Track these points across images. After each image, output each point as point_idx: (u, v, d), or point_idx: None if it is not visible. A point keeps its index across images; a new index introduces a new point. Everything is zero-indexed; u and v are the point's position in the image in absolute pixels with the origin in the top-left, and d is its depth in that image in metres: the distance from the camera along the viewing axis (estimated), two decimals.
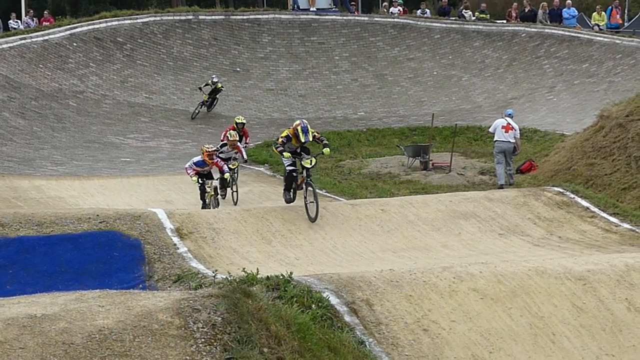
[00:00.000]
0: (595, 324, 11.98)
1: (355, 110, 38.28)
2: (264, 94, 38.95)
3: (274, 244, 17.48)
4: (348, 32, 42.05)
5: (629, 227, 18.91)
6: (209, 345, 9.68)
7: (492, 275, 13.23)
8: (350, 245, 17.62)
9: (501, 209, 19.58)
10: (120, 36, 39.31)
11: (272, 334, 10.16)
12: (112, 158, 30.38)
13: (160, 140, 33.36)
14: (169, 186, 25.62)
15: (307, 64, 40.74)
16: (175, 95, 37.58)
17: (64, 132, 32.87)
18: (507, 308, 12.62)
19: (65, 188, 24.72)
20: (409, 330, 12.09)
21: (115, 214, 17.13)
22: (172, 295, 10.64)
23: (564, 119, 33.31)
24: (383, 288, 12.69)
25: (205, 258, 16.17)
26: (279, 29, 41.79)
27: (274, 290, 12.32)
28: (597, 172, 22.36)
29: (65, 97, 35.39)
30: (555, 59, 39.43)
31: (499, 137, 24.24)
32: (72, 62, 37.22)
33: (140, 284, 15.18)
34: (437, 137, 31.58)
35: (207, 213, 18.54)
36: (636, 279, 13.43)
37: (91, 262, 15.88)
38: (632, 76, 35.99)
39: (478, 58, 40.94)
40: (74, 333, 9.55)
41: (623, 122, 22.94)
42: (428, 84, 39.84)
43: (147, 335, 9.65)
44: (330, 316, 11.88)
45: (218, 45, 40.69)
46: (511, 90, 38.34)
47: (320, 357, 10.49)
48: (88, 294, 10.65)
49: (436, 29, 42.38)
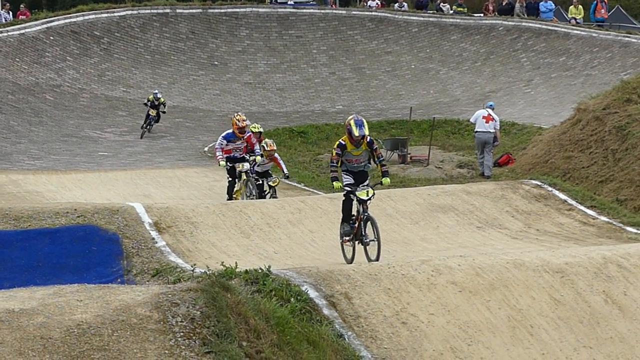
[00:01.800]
0: (573, 316, 12.02)
1: (333, 103, 38.30)
2: (241, 87, 38.92)
3: (252, 238, 17.46)
4: (326, 25, 42.06)
5: (606, 220, 18.99)
6: (187, 339, 9.67)
7: (470, 268, 13.26)
8: (329, 238, 17.62)
9: (479, 202, 19.62)
10: (98, 30, 39.18)
11: (251, 327, 10.15)
12: (89, 152, 30.28)
13: (137, 134, 33.27)
14: (147, 180, 25.56)
15: (285, 58, 40.72)
16: (153, 89, 37.48)
17: (41, 126, 32.74)
18: (486, 301, 12.65)
19: (43, 182, 24.63)
20: (387, 323, 12.10)
21: (93, 208, 17.07)
22: (150, 289, 10.61)
23: (541, 112, 33.43)
24: (362, 281, 12.70)
25: (183, 252, 16.13)
26: (257, 23, 41.76)
27: (253, 284, 12.31)
28: (575, 165, 22.44)
29: (42, 91, 35.25)
30: (533, 53, 39.57)
31: (480, 128, 24.69)
32: (49, 56, 37.07)
33: (118, 278, 15.14)
34: (415, 130, 31.62)
35: (185, 207, 18.47)
36: (613, 271, 13.49)
37: (69, 257, 15.83)
38: (609, 69, 36.15)
39: (456, 51, 41.03)
40: (52, 328, 9.51)
41: (600, 115, 23.03)
42: (406, 77, 39.89)
43: (125, 329, 9.63)
44: (309, 309, 11.88)
45: (196, 38, 40.61)
46: (489, 84, 38.45)
47: (299, 350, 10.49)
48: (66, 289, 10.61)
49: (414, 23, 42.44)
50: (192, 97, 37.67)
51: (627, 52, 37.08)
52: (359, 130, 15.41)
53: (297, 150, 30.61)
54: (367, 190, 15.78)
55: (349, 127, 15.50)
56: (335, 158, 15.75)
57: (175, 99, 37.01)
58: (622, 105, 22.84)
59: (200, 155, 30.08)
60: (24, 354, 9.20)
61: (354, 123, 15.47)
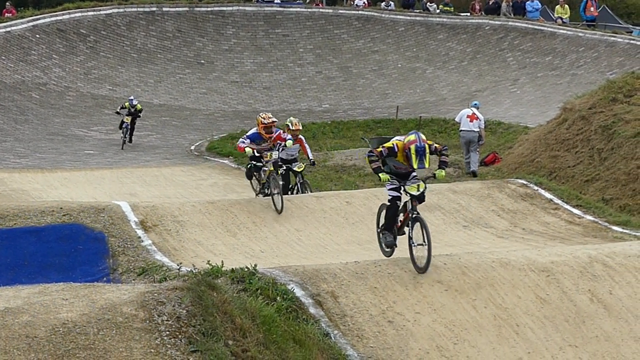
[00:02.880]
0: (559, 315, 12.05)
1: (319, 102, 38.30)
2: (228, 86, 38.87)
3: (238, 237, 17.44)
4: (312, 24, 42.04)
5: (591, 219, 19.02)
6: (173, 338, 9.66)
7: (456, 267, 13.27)
8: (315, 237, 17.61)
9: (465, 201, 19.63)
10: (84, 28, 39.07)
11: (237, 326, 10.15)
12: (75, 150, 30.20)
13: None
14: (133, 179, 25.50)
15: (272, 57, 40.70)
16: (139, 87, 37.43)
17: (27, 124, 32.65)
18: (472, 299, 12.67)
19: (29, 181, 24.55)
20: (373, 322, 12.11)
21: (79, 207, 17.03)
22: (136, 288, 10.60)
23: (527, 111, 33.49)
24: (348, 280, 12.71)
25: (169, 251, 16.11)
26: (244, 21, 41.72)
27: (239, 282, 12.31)
28: (561, 164, 22.49)
29: (28, 89, 35.15)
30: (519, 52, 39.63)
31: (464, 127, 24.82)
32: (34, 54, 36.96)
33: (104, 277, 15.11)
34: (401, 129, 31.63)
35: (171, 205, 18.43)
36: (599, 270, 13.53)
37: (55, 255, 15.79)
38: (595, 69, 36.24)
39: (442, 51, 41.06)
40: (37, 326, 9.49)
41: (586, 114, 23.08)
42: (392, 76, 39.91)
43: (111, 328, 9.61)
44: (295, 308, 11.89)
45: (182, 37, 40.55)
46: (475, 83, 38.49)
47: (285, 349, 10.49)
48: (52, 287, 10.59)
49: (400, 22, 42.45)
50: (178, 96, 37.61)
51: (613, 51, 37.17)
52: (419, 164, 13.17)
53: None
54: (418, 184, 13.53)
55: (407, 151, 13.18)
56: (379, 153, 13.52)
57: (161, 97, 36.96)
58: (607, 104, 22.90)
59: (187, 154, 30.04)
60: (9, 353, 9.18)
61: (414, 150, 13.17)
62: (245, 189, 24.17)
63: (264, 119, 18.36)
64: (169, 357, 9.46)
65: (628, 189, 20.68)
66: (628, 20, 47.88)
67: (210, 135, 32.57)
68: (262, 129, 18.53)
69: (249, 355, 9.88)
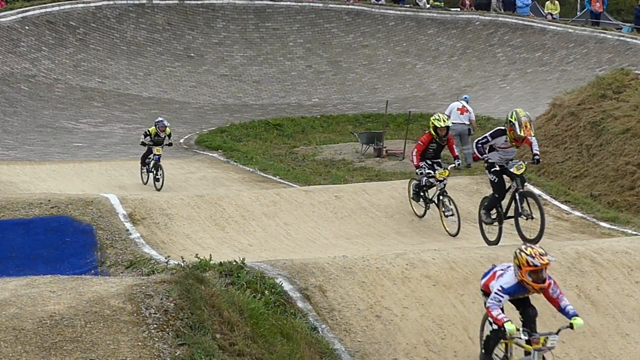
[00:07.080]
0: (546, 311, 12.06)
1: (309, 96, 38.28)
2: (218, 79, 38.82)
3: (227, 230, 17.43)
4: (303, 18, 42.01)
5: (579, 215, 19.07)
6: (161, 331, 9.65)
7: (444, 262, 13.29)
8: (303, 231, 17.61)
9: (454, 196, 19.64)
10: (73, 20, 38.96)
11: (224, 319, 10.14)
12: (64, 143, 30.14)
13: (113, 125, 33.15)
14: (121, 171, 25.47)
15: (262, 50, 40.65)
16: (128, 80, 37.35)
17: (16, 116, 32.56)
18: (459, 295, 12.69)
19: (17, 173, 24.50)
20: (361, 316, 12.12)
21: (67, 199, 16.99)
22: (124, 281, 10.58)
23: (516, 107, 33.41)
24: (336, 274, 12.71)
25: (158, 244, 16.09)
26: (234, 15, 41.65)
27: (227, 276, 12.30)
28: (549, 160, 22.50)
29: (17, 81, 35.04)
30: (509, 47, 39.67)
31: (455, 120, 24.91)
32: (24, 46, 36.84)
33: (92, 270, 15.09)
34: (390, 124, 31.66)
35: (159, 199, 18.42)
36: (586, 266, 13.56)
37: (43, 248, 15.77)
38: (584, 65, 36.31)
39: (432, 46, 41.07)
40: (24, 319, 9.48)
41: (575, 110, 23.10)
42: (382, 71, 39.91)
43: (98, 321, 9.60)
44: (283, 302, 11.89)
45: (172, 30, 40.47)
46: (465, 78, 38.52)
47: (273, 343, 10.49)
48: (39, 280, 10.57)
49: (390, 16, 42.44)
50: (167, 89, 37.55)
51: (602, 48, 37.24)
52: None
53: (272, 142, 30.57)
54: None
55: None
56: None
57: (150, 90, 36.88)
58: (597, 101, 22.92)
59: (176, 147, 30.01)
60: None
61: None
62: (234, 182, 24.21)
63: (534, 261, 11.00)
64: (157, 350, 9.45)
65: (616, 185, 20.71)
66: (618, 17, 47.92)
67: (199, 129, 32.54)
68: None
69: (236, 348, 9.88)
